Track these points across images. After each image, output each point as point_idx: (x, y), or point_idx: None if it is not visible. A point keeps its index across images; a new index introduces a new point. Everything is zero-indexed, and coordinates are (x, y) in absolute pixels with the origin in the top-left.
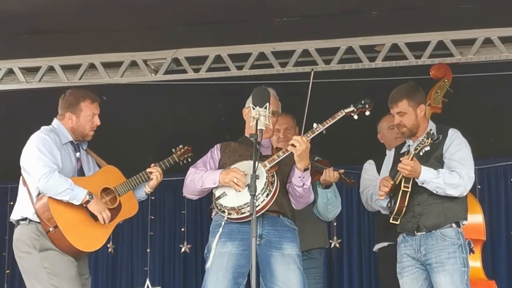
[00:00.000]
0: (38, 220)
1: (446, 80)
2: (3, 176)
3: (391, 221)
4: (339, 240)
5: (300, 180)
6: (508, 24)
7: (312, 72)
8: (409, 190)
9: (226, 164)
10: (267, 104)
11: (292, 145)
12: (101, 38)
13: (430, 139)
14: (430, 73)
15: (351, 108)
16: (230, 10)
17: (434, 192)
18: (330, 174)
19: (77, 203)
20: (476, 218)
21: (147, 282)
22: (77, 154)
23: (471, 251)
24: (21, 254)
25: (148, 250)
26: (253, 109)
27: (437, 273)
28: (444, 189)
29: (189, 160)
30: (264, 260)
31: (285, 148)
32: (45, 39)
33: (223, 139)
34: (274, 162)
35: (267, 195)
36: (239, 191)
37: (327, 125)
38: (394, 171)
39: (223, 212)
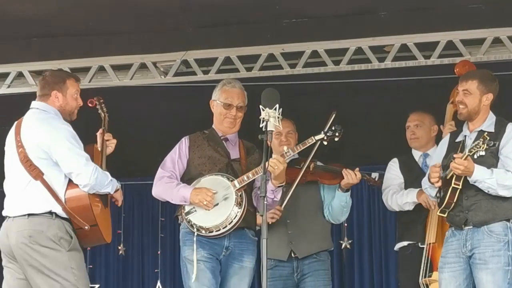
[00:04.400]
0: (67, 217)
1: None
2: None
3: (438, 213)
4: (350, 241)
5: (272, 193)
6: None
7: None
8: (460, 187)
9: (195, 168)
10: (277, 105)
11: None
12: (111, 40)
13: (486, 144)
14: (455, 70)
15: (321, 135)
16: (239, 11)
17: (486, 191)
18: (352, 176)
19: (112, 192)
20: None
21: (158, 284)
22: None
23: None
24: (43, 250)
25: (159, 252)
26: (263, 110)
27: (480, 270)
28: (496, 190)
29: (103, 105)
30: (225, 270)
31: (257, 168)
32: (54, 42)
33: None
34: (244, 184)
35: (235, 217)
36: (209, 210)
37: (297, 151)
38: (447, 160)
39: (192, 227)
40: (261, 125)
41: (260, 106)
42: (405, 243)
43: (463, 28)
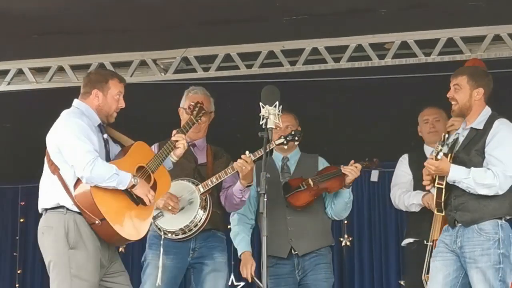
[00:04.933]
0: (78, 211)
1: None
2: (13, 176)
3: (436, 212)
4: (350, 238)
5: (240, 192)
6: None
7: None
8: (443, 186)
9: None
10: (277, 102)
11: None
12: (111, 38)
13: (440, 145)
14: None
15: (281, 140)
16: (239, 9)
17: (466, 191)
18: (355, 171)
19: (123, 188)
20: None
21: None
22: (105, 136)
23: None
24: (51, 246)
25: None
26: (263, 107)
27: (471, 269)
28: (475, 189)
29: (201, 117)
30: (199, 271)
31: (221, 172)
32: (55, 39)
33: (233, 138)
34: (209, 188)
35: (200, 220)
36: (174, 215)
37: (259, 155)
38: None
39: (160, 230)
40: (261, 123)
41: (260, 104)
42: (411, 239)
43: (464, 25)
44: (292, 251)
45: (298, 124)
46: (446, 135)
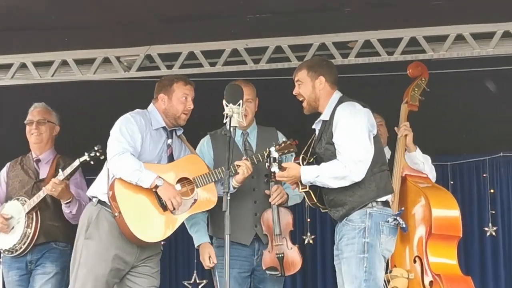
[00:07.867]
0: (107, 201)
1: (423, 79)
2: None
3: (322, 210)
4: (313, 236)
5: (67, 208)
6: (480, 21)
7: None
8: (307, 189)
9: (10, 192)
10: (241, 101)
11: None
12: (74, 35)
13: (268, 158)
14: (408, 71)
15: (85, 157)
16: (203, 6)
17: (326, 187)
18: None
19: (145, 186)
20: (453, 213)
21: None
22: (169, 141)
23: (402, 229)
24: (77, 232)
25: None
26: (227, 106)
27: (341, 261)
28: (329, 185)
29: (292, 155)
30: (32, 278)
31: (44, 189)
32: (17, 36)
33: (196, 135)
34: (32, 207)
35: (27, 237)
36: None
37: (67, 173)
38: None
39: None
40: (224, 121)
41: (224, 102)
42: None
43: (426, 25)
44: (255, 237)
45: (256, 96)
46: (272, 143)
